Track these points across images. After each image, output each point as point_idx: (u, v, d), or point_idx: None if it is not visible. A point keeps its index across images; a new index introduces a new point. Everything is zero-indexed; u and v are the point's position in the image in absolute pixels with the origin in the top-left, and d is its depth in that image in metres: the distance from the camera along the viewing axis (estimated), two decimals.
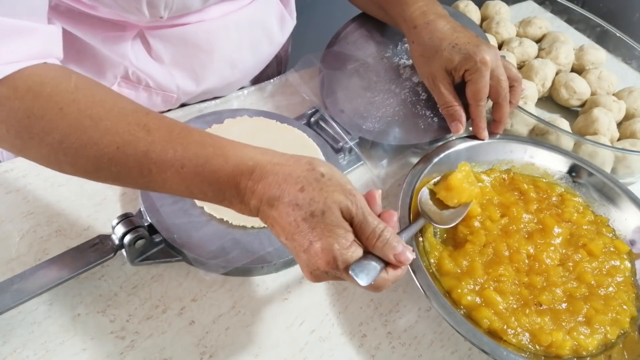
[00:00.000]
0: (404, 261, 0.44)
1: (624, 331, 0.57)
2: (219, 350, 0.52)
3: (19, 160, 0.64)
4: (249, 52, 0.75)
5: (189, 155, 0.45)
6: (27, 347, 0.49)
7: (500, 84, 0.66)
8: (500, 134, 0.71)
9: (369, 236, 0.43)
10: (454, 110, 0.68)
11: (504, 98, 0.67)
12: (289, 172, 0.44)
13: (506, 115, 0.69)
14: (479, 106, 0.67)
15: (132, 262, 0.55)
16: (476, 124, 0.69)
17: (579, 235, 0.64)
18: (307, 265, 0.43)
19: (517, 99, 0.70)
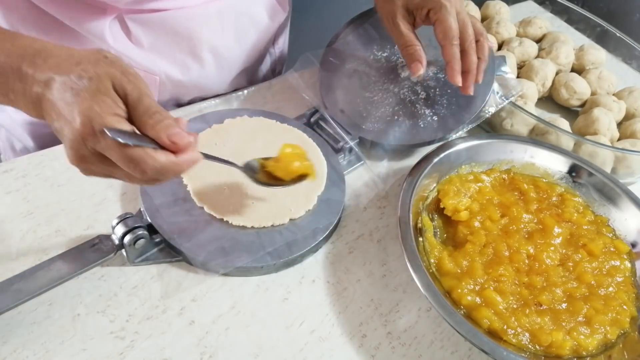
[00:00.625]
0: (179, 142, 0.40)
1: (624, 331, 0.57)
2: (219, 350, 0.52)
3: (19, 160, 0.64)
4: (233, 40, 0.74)
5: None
6: (27, 347, 0.49)
7: (465, 29, 0.64)
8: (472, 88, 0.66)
9: (142, 115, 0.41)
10: (413, 49, 0.65)
11: (470, 44, 0.65)
12: (72, 53, 0.42)
13: (474, 65, 0.66)
14: (452, 46, 0.63)
15: (132, 262, 0.55)
16: (451, 67, 0.64)
17: (579, 235, 0.64)
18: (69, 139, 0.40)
19: (485, 54, 0.67)
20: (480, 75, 0.68)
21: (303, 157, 0.60)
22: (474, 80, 0.67)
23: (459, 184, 0.66)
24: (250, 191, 0.62)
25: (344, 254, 0.62)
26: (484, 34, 0.67)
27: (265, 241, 0.58)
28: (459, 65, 0.65)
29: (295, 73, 0.78)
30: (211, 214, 0.59)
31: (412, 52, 0.65)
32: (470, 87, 0.67)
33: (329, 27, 0.83)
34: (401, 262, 0.61)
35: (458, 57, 0.64)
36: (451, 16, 0.62)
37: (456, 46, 0.64)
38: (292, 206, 0.61)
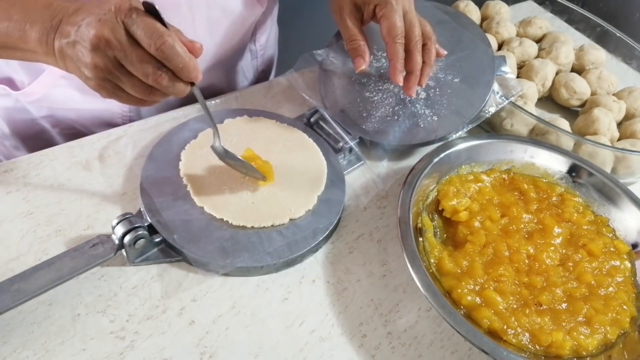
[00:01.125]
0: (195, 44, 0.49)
1: (624, 331, 0.57)
2: (219, 350, 0.52)
3: (19, 161, 0.64)
4: (205, 31, 0.73)
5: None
6: (27, 347, 0.49)
7: (412, 29, 0.64)
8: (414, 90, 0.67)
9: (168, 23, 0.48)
10: (357, 44, 0.66)
11: (415, 45, 0.65)
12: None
13: (417, 67, 0.66)
14: (396, 43, 0.64)
15: (132, 262, 0.55)
16: (392, 65, 0.65)
17: (579, 235, 0.64)
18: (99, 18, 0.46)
19: (431, 59, 0.67)
20: (424, 79, 0.68)
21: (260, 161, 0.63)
22: (416, 81, 0.67)
23: (459, 185, 0.66)
24: (251, 191, 0.62)
25: (344, 254, 0.62)
26: (432, 39, 0.67)
27: (265, 241, 0.58)
28: (402, 65, 0.65)
29: (295, 73, 0.78)
30: (211, 214, 0.59)
31: (356, 47, 0.66)
32: (412, 88, 0.67)
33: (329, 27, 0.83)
34: (401, 262, 0.61)
35: (401, 56, 0.65)
36: (397, 14, 0.63)
37: (400, 44, 0.64)
38: (292, 206, 0.61)
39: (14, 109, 0.75)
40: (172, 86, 0.49)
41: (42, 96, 0.72)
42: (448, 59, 0.76)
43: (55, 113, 0.75)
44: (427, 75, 0.68)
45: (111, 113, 0.75)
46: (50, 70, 0.70)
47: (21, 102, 0.74)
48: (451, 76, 0.75)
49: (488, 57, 0.76)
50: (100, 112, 0.75)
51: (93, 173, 0.64)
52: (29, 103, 0.74)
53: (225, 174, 0.63)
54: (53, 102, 0.73)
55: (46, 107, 0.74)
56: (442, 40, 0.78)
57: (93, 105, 0.74)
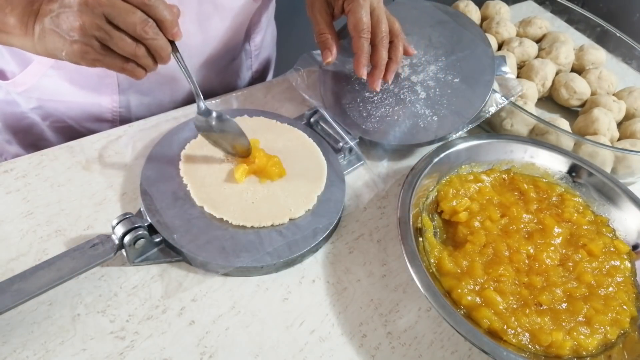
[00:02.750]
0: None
1: (624, 331, 0.57)
2: (219, 350, 0.52)
3: (19, 160, 0.64)
4: (195, 26, 0.73)
5: None
6: (27, 347, 0.49)
7: (378, 25, 0.66)
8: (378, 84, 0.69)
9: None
10: (325, 37, 0.68)
11: (381, 41, 0.67)
12: None
13: (382, 62, 0.68)
14: (361, 38, 0.66)
15: (132, 262, 0.55)
16: (357, 59, 0.67)
17: (579, 235, 0.64)
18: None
19: (398, 56, 0.69)
20: (390, 75, 0.70)
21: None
22: (380, 76, 0.69)
23: (459, 185, 0.66)
24: (250, 191, 0.62)
25: (344, 254, 0.62)
26: (399, 37, 0.69)
27: (265, 241, 0.58)
28: (366, 59, 0.67)
29: (295, 73, 0.78)
30: (211, 214, 0.59)
31: (324, 40, 0.69)
32: (376, 82, 0.69)
33: None
34: (401, 262, 0.61)
35: (366, 50, 0.67)
36: (363, 9, 0.65)
37: (365, 39, 0.66)
38: (292, 206, 0.61)
39: (4, 101, 0.75)
40: (157, 38, 0.51)
41: (31, 86, 0.72)
42: (448, 59, 0.76)
43: (44, 105, 0.75)
44: (392, 71, 0.70)
45: (100, 107, 0.75)
46: (39, 60, 0.70)
47: (11, 94, 0.74)
48: (451, 76, 0.75)
49: (488, 57, 0.76)
50: (90, 106, 0.75)
51: (93, 173, 0.64)
52: (18, 94, 0.74)
53: (225, 174, 0.63)
54: (42, 92, 0.73)
55: (35, 99, 0.74)
56: (442, 40, 0.78)
57: (82, 97, 0.74)
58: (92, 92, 0.74)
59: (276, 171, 0.63)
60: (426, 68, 0.76)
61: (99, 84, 0.73)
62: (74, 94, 0.74)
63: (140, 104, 0.77)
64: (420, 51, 0.77)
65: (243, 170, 0.62)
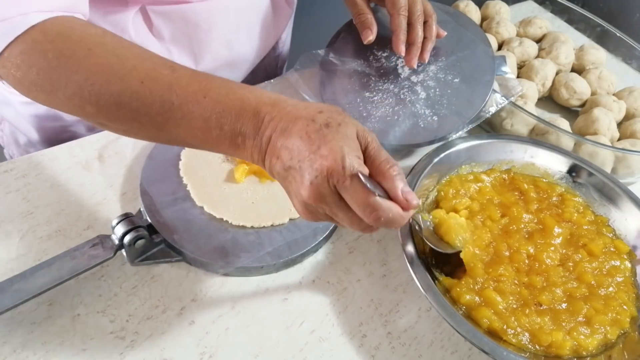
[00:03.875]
0: (411, 200, 0.42)
1: (624, 331, 0.57)
2: (219, 350, 0.52)
3: (19, 160, 0.64)
4: (245, 35, 0.75)
5: (212, 86, 0.45)
6: (27, 347, 0.49)
7: (415, 4, 0.69)
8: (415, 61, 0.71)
9: (381, 162, 0.43)
10: (365, 17, 0.70)
11: (417, 19, 0.69)
12: (309, 104, 0.45)
13: (419, 39, 0.70)
14: (400, 15, 0.68)
15: (132, 262, 0.55)
16: (396, 35, 0.69)
17: (579, 235, 0.64)
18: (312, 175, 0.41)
19: (432, 34, 0.72)
20: (426, 54, 0.72)
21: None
22: (417, 53, 0.71)
23: (459, 185, 0.66)
24: (250, 191, 0.62)
25: (344, 254, 0.62)
26: (432, 17, 0.72)
27: (265, 241, 0.58)
28: (404, 35, 0.70)
29: (295, 73, 0.78)
30: (211, 213, 0.59)
31: (364, 20, 0.71)
32: (413, 59, 0.71)
33: (329, 27, 0.83)
34: (401, 262, 0.61)
35: (404, 27, 0.69)
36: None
37: (403, 17, 0.69)
38: (292, 206, 0.61)
39: (46, 116, 0.74)
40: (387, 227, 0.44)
41: None
42: (448, 59, 0.76)
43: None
44: (428, 50, 0.72)
45: None
46: None
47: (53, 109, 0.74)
48: (451, 76, 0.75)
49: (488, 57, 0.76)
50: None
51: (93, 173, 0.64)
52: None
53: (225, 174, 0.63)
54: None
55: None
56: (442, 40, 0.78)
57: None
58: None
59: None
60: (426, 68, 0.76)
61: None
62: None
63: None
64: None
65: (243, 170, 0.62)
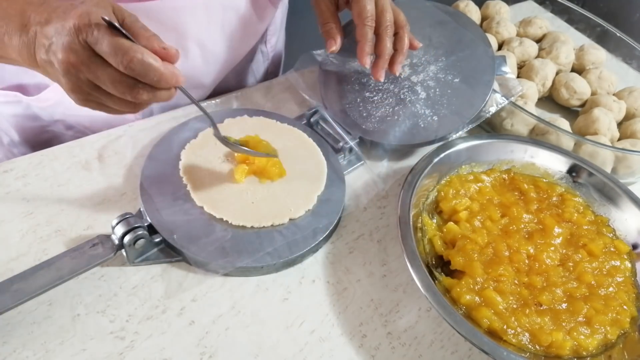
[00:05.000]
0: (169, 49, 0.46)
1: (624, 331, 0.57)
2: (219, 350, 0.52)
3: (19, 160, 0.64)
4: (219, 35, 0.73)
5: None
6: (27, 348, 0.49)
7: (383, 14, 0.66)
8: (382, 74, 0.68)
9: (138, 30, 0.46)
10: (330, 27, 0.68)
11: (385, 30, 0.66)
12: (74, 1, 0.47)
13: (386, 51, 0.67)
14: (365, 26, 0.65)
15: (132, 262, 0.55)
16: (360, 46, 0.66)
17: (579, 235, 0.64)
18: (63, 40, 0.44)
19: (403, 47, 0.69)
20: (396, 67, 0.69)
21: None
22: (384, 66, 0.68)
23: (459, 185, 0.66)
24: (250, 191, 0.62)
25: (344, 254, 0.62)
26: (404, 28, 0.69)
27: (265, 241, 0.58)
28: (370, 47, 0.67)
29: (295, 73, 0.78)
30: (211, 213, 0.59)
31: (328, 30, 0.68)
32: (379, 72, 0.68)
33: None
34: (401, 262, 0.61)
35: (369, 38, 0.66)
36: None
37: (369, 27, 0.66)
38: (292, 206, 0.61)
39: (24, 116, 0.74)
40: (154, 97, 0.48)
41: (55, 102, 0.72)
42: (448, 59, 0.76)
43: (67, 119, 0.75)
44: (399, 63, 0.69)
45: (124, 119, 0.75)
46: None
47: (32, 108, 0.74)
48: (451, 76, 0.75)
49: (488, 57, 0.76)
50: (114, 120, 0.75)
51: (93, 173, 0.64)
52: (41, 109, 0.73)
53: (225, 174, 0.63)
54: (67, 108, 0.73)
55: (59, 113, 0.74)
56: (442, 40, 0.78)
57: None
58: None
59: (276, 171, 0.63)
60: (426, 68, 0.76)
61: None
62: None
63: (161, 109, 0.77)
64: (421, 51, 0.77)
65: (243, 170, 0.62)
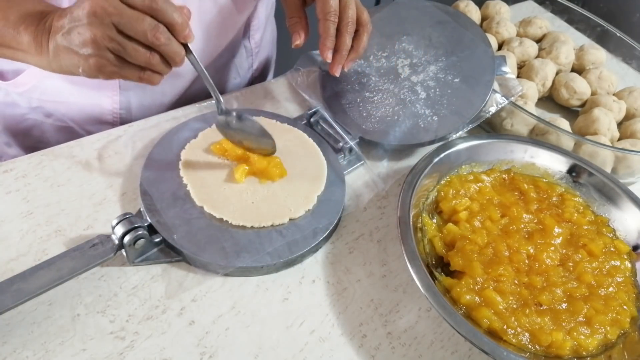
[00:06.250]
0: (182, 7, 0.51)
1: (624, 331, 0.57)
2: (219, 351, 0.52)
3: (19, 160, 0.64)
4: (196, 24, 0.73)
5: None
6: (27, 348, 0.49)
7: (345, 11, 0.66)
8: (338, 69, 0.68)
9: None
10: (294, 21, 0.69)
11: (345, 26, 0.67)
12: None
13: (345, 47, 0.67)
14: (327, 21, 0.66)
15: (132, 262, 0.55)
16: (322, 41, 0.67)
17: (579, 235, 0.64)
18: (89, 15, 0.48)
19: (360, 46, 0.69)
20: (348, 64, 0.69)
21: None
22: (341, 62, 0.68)
23: (459, 185, 0.66)
24: (250, 191, 0.62)
25: (344, 254, 0.62)
26: (365, 27, 0.69)
27: (265, 241, 0.58)
28: (331, 43, 0.67)
29: (295, 73, 0.78)
30: (211, 213, 0.59)
31: (293, 24, 0.69)
32: (335, 67, 0.68)
33: None
34: (401, 262, 0.61)
35: (331, 34, 0.67)
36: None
37: (332, 22, 0.66)
38: (292, 206, 0.61)
39: (4, 103, 0.75)
40: (169, 43, 0.51)
41: (32, 87, 0.72)
42: (448, 59, 0.76)
43: (45, 105, 0.75)
44: (351, 60, 0.69)
45: (101, 109, 0.75)
46: None
47: (11, 95, 0.74)
48: (451, 76, 0.75)
49: (488, 57, 0.76)
50: (91, 107, 0.75)
51: (93, 173, 0.64)
52: (18, 95, 0.74)
53: (225, 174, 0.63)
54: (43, 93, 0.73)
55: (36, 99, 0.74)
56: (442, 40, 0.78)
57: (83, 98, 0.74)
58: (92, 92, 0.74)
59: (277, 172, 0.63)
60: (426, 68, 0.76)
61: (99, 83, 0.73)
62: (74, 94, 0.74)
63: (140, 105, 0.77)
64: (420, 51, 0.77)
65: (243, 170, 0.62)
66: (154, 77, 0.54)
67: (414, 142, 0.71)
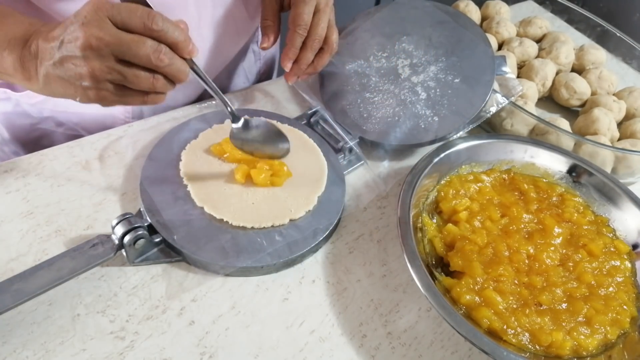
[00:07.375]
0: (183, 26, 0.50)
1: (624, 331, 0.57)
2: (219, 351, 0.52)
3: (19, 160, 0.64)
4: (210, 31, 0.73)
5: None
6: (27, 348, 0.49)
7: (315, 28, 0.67)
8: (294, 79, 0.70)
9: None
10: (267, 24, 0.69)
11: (312, 42, 0.67)
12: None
13: (305, 61, 0.68)
14: (296, 33, 0.66)
15: (132, 262, 0.55)
16: (285, 50, 0.68)
17: (579, 235, 0.64)
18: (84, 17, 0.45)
19: (320, 64, 0.70)
20: (304, 77, 0.71)
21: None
22: (298, 74, 0.70)
23: (459, 185, 0.66)
24: (251, 191, 0.62)
25: (344, 254, 0.62)
26: (330, 47, 0.70)
27: (266, 241, 0.58)
28: (294, 54, 0.68)
29: None
30: (211, 214, 0.59)
31: (265, 27, 0.70)
32: (291, 75, 0.70)
33: None
34: (401, 262, 0.61)
35: (296, 46, 0.67)
36: (307, 6, 0.66)
37: (299, 35, 0.67)
38: (292, 207, 0.61)
39: (14, 113, 0.74)
40: (173, 63, 0.48)
41: (44, 99, 0.72)
42: (448, 59, 0.76)
43: (57, 115, 0.75)
44: (308, 74, 0.71)
45: (113, 118, 0.75)
46: None
47: (21, 105, 0.74)
48: (451, 76, 0.75)
49: (488, 57, 0.76)
50: (103, 117, 0.75)
51: (93, 173, 0.64)
52: (31, 105, 0.73)
53: (225, 174, 0.63)
54: (55, 104, 0.73)
55: (49, 110, 0.74)
56: (442, 40, 0.78)
57: (95, 109, 0.74)
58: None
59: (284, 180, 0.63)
60: (426, 68, 0.76)
61: None
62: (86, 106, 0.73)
63: (152, 113, 0.77)
64: (421, 51, 0.77)
65: (243, 171, 0.62)
66: (158, 98, 0.51)
67: (414, 142, 0.71)
